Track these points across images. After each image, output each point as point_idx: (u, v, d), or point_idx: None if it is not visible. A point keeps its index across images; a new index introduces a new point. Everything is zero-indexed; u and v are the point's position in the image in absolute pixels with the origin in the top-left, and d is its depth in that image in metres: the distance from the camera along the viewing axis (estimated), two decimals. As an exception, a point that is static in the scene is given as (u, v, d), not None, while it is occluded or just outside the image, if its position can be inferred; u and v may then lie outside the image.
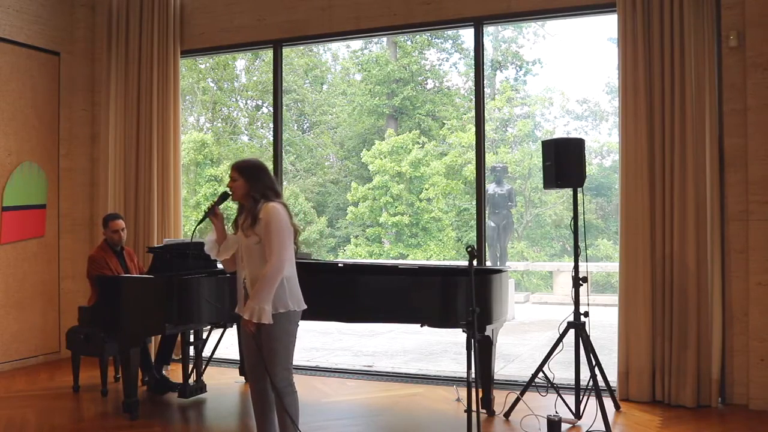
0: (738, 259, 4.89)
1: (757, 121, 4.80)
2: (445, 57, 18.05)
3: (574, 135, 15.53)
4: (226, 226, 3.65)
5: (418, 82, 17.58)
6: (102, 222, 5.41)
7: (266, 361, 3.41)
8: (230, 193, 3.52)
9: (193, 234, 3.78)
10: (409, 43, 17.36)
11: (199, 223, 3.64)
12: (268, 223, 3.35)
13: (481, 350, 4.48)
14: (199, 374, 5.21)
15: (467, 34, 16.73)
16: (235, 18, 6.46)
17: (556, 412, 4.33)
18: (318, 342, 8.30)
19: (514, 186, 14.68)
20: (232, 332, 5.85)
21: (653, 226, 4.97)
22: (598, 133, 17.45)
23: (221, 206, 3.64)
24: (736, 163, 4.91)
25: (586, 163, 4.65)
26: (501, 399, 4.76)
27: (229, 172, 3.55)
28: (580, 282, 4.45)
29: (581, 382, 4.52)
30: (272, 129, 6.58)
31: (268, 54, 14.33)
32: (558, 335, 4.49)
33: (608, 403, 4.61)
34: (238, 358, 5.85)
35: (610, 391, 4.75)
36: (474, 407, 3.56)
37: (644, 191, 4.95)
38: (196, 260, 5.37)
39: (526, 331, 9.39)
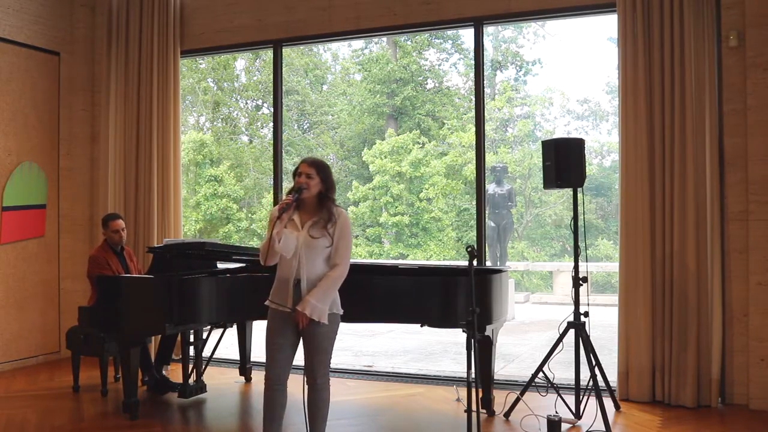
0: (738, 259, 4.89)
1: (757, 121, 4.80)
2: (445, 57, 18.06)
3: (574, 135, 15.53)
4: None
5: (418, 82, 17.58)
6: (102, 222, 5.41)
7: (313, 360, 3.48)
8: (302, 189, 3.42)
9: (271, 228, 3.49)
10: (409, 43, 17.36)
11: (280, 216, 3.40)
12: (343, 228, 3.46)
13: (481, 350, 4.47)
14: (199, 374, 5.21)
15: (467, 34, 16.74)
16: (235, 18, 6.46)
17: (556, 412, 4.33)
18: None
19: (514, 186, 14.68)
20: (232, 332, 5.85)
21: (653, 226, 4.97)
22: (598, 133, 17.46)
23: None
24: (736, 163, 4.91)
25: (586, 163, 4.65)
26: (501, 399, 4.76)
27: (299, 169, 3.45)
28: (580, 282, 4.45)
29: (581, 382, 4.52)
30: (272, 129, 6.58)
31: (268, 54, 14.34)
32: (558, 335, 4.49)
33: (608, 403, 4.61)
34: (238, 358, 5.85)
35: (610, 391, 4.75)
36: (474, 407, 3.56)
37: (644, 191, 4.96)
38: (206, 260, 5.39)
39: (526, 331, 9.39)
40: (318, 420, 3.53)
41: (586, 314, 4.48)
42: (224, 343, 5.66)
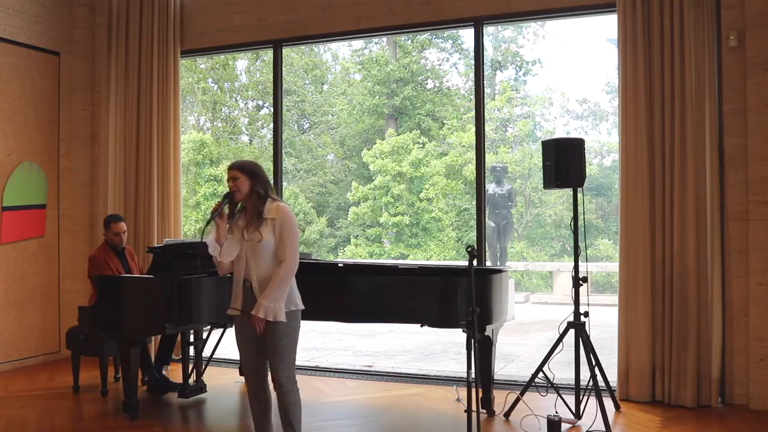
0: (738, 259, 4.89)
1: (757, 121, 4.80)
2: (445, 57, 18.06)
3: (574, 135, 15.53)
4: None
5: (418, 82, 17.57)
6: (103, 223, 5.38)
7: (272, 360, 3.45)
8: (233, 192, 3.49)
9: (201, 236, 3.70)
10: (409, 42, 17.36)
11: (206, 226, 3.58)
12: (283, 222, 3.41)
13: (481, 350, 4.48)
14: (199, 374, 5.21)
15: (467, 34, 16.73)
16: (235, 18, 6.45)
17: (556, 412, 4.33)
18: (318, 342, 8.30)
19: (514, 186, 14.68)
20: (232, 332, 5.83)
21: (653, 226, 4.97)
22: (598, 133, 17.46)
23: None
24: (736, 163, 4.91)
25: (586, 163, 4.65)
26: (501, 399, 4.76)
27: (227, 175, 3.53)
28: (580, 282, 4.44)
29: (581, 382, 4.52)
30: (272, 129, 6.58)
31: (268, 54, 14.34)
32: (558, 335, 4.49)
33: (608, 403, 4.61)
34: (238, 358, 5.84)
35: (610, 391, 4.75)
36: (474, 407, 3.56)
37: (644, 191, 4.95)
38: (201, 260, 5.37)
39: (526, 331, 9.39)
40: (288, 424, 3.44)
41: (586, 314, 4.48)
42: (224, 343, 5.66)
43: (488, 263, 8.74)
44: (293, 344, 3.49)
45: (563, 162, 4.45)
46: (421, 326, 4.62)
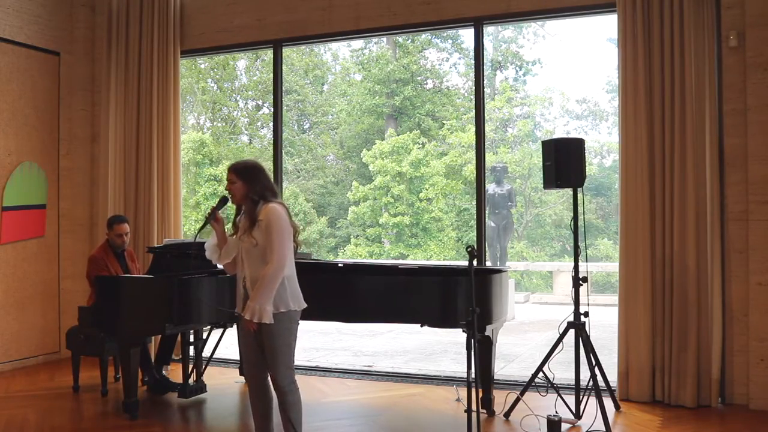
0: (738, 259, 4.89)
1: (757, 121, 4.80)
2: (445, 57, 18.07)
3: (574, 135, 15.52)
4: (226, 229, 3.66)
5: (418, 82, 17.58)
6: (107, 223, 5.38)
7: (269, 361, 3.44)
8: (229, 196, 3.52)
9: (195, 238, 3.78)
10: (409, 42, 17.37)
11: (200, 229, 3.61)
12: (268, 223, 3.38)
13: (481, 350, 4.47)
14: (199, 374, 5.21)
15: (467, 34, 16.74)
16: (235, 18, 6.46)
17: (556, 412, 4.33)
18: (318, 342, 8.30)
19: (514, 186, 14.68)
20: (232, 332, 5.84)
21: (653, 226, 4.97)
22: (598, 133, 17.47)
23: (221, 210, 3.64)
24: (736, 163, 4.91)
25: (586, 163, 4.65)
26: (501, 399, 4.76)
27: (226, 175, 3.55)
28: (580, 282, 4.45)
29: (581, 382, 4.52)
30: (272, 129, 6.58)
31: (268, 54, 14.34)
32: (558, 335, 4.49)
33: (608, 403, 4.61)
34: (238, 358, 5.85)
35: (610, 391, 4.75)
36: (474, 407, 3.56)
37: (644, 191, 4.96)
38: (198, 260, 5.38)
39: (526, 331, 9.39)
40: (288, 424, 3.44)
41: (586, 314, 4.48)
42: (224, 343, 5.66)
43: (488, 263, 8.74)
44: (287, 346, 3.45)
45: (563, 162, 4.45)
46: (421, 326, 4.61)
